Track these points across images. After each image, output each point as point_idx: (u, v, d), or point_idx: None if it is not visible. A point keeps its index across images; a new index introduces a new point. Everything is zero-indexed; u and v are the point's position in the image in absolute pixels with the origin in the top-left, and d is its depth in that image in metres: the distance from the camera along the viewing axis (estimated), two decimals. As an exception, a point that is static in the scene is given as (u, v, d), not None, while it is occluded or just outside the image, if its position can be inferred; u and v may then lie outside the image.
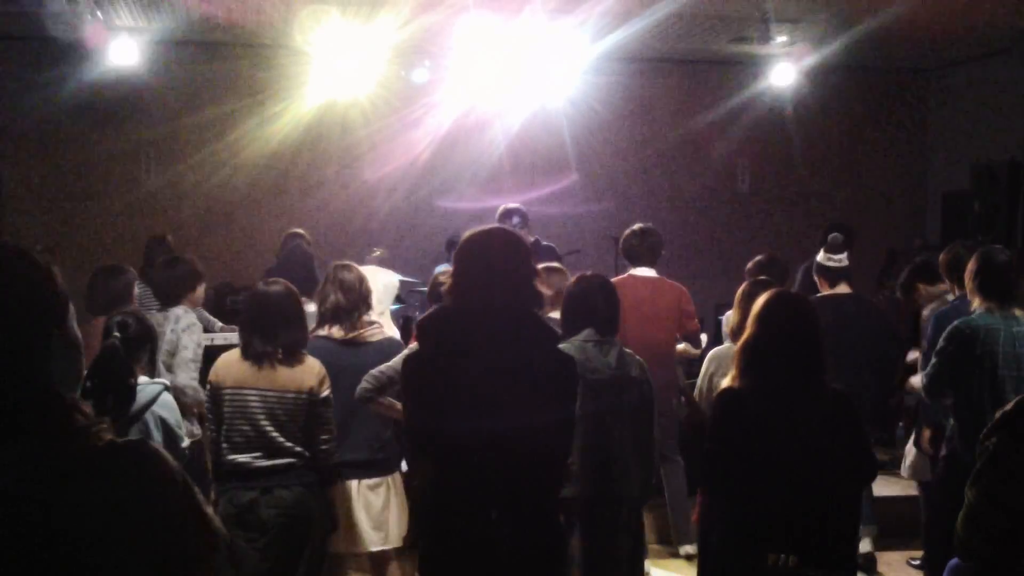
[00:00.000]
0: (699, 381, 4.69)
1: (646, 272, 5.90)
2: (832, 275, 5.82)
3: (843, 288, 5.79)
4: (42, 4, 7.52)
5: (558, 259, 6.63)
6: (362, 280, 4.55)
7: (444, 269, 4.71)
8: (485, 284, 2.88)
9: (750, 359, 3.28)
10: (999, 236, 8.94)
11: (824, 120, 10.79)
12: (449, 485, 2.89)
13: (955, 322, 4.62)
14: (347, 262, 4.68)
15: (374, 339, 4.46)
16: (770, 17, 8.15)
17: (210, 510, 1.54)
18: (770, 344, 3.26)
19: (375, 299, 4.72)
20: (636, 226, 6.03)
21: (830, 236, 5.99)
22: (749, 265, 5.75)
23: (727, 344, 4.44)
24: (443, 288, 3.08)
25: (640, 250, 5.91)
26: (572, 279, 4.31)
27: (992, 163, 9.44)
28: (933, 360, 4.64)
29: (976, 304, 4.59)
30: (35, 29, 8.77)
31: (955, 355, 4.55)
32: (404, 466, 4.69)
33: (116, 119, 9.54)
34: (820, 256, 5.90)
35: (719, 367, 4.47)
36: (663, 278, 5.94)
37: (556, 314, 4.47)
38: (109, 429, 1.49)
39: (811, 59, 9.97)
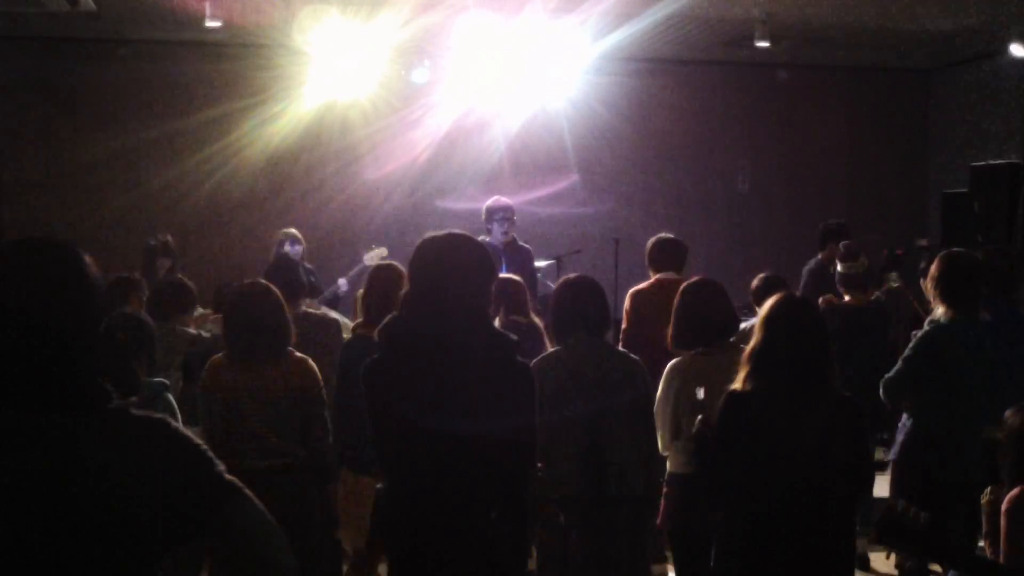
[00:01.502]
0: (658, 396, 4.29)
1: (672, 276, 5.80)
2: (849, 282, 5.85)
3: (857, 294, 5.83)
4: (42, 4, 7.51)
5: (530, 260, 6.87)
6: (398, 280, 4.53)
7: None
8: (439, 292, 2.86)
9: (757, 363, 3.27)
10: (999, 236, 8.94)
11: (824, 120, 10.79)
12: (408, 492, 2.90)
13: (924, 329, 4.58)
14: (388, 262, 4.68)
15: None
16: (770, 18, 8.15)
17: (222, 467, 1.83)
18: (776, 348, 3.26)
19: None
20: (661, 235, 6.04)
21: (842, 244, 6.01)
22: (754, 283, 5.72)
23: (685, 356, 4.30)
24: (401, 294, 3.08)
25: (666, 256, 5.89)
26: (558, 282, 4.30)
27: (992, 163, 9.44)
28: (899, 364, 4.59)
29: (940, 311, 4.53)
30: (35, 29, 8.79)
31: (919, 361, 4.50)
32: None
33: (116, 119, 9.54)
34: (839, 266, 5.93)
35: (684, 381, 4.21)
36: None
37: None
38: (137, 406, 1.83)
39: (810, 59, 10.00)
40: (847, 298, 5.89)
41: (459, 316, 2.85)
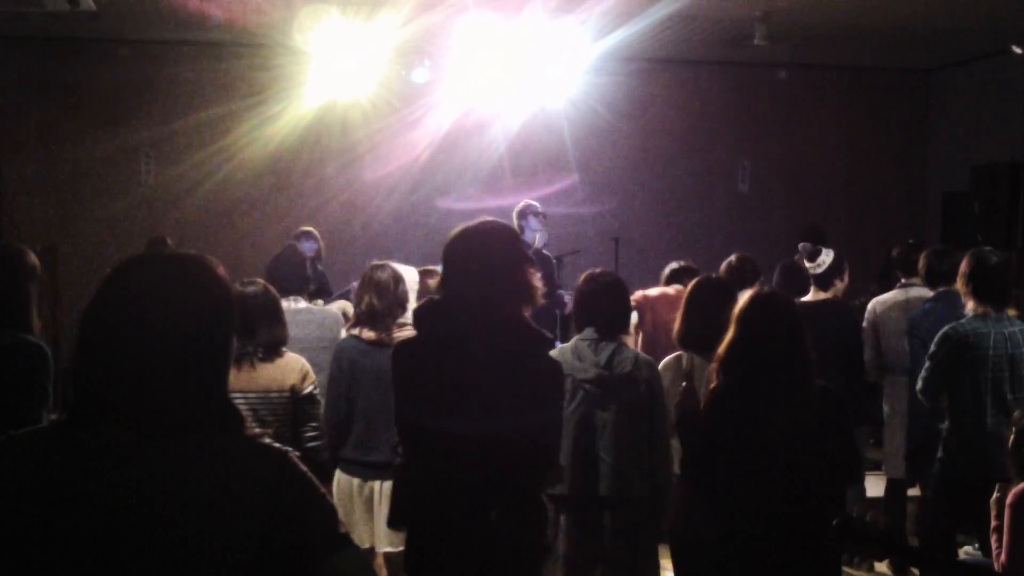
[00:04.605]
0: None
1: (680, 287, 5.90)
2: (815, 281, 5.88)
3: (819, 293, 5.84)
4: (42, 4, 7.51)
5: (553, 271, 6.95)
6: (398, 281, 4.52)
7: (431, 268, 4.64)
8: (478, 277, 2.86)
9: (731, 360, 3.25)
10: (999, 236, 8.94)
11: (824, 120, 10.79)
12: (434, 477, 2.89)
13: (946, 328, 4.63)
14: (384, 262, 4.65)
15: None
16: (769, 18, 8.16)
17: (339, 514, 1.76)
18: (751, 345, 3.24)
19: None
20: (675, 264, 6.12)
21: (800, 245, 6.08)
22: (722, 267, 5.75)
23: (677, 354, 4.29)
24: (432, 281, 3.06)
25: (677, 278, 5.97)
26: (582, 277, 4.30)
27: (992, 163, 9.44)
28: (927, 364, 4.68)
29: (970, 307, 4.60)
30: (35, 29, 8.79)
31: (946, 360, 4.57)
32: None
33: (116, 119, 9.55)
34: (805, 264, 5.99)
35: (674, 377, 4.22)
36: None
37: None
38: (264, 433, 1.71)
39: (810, 59, 10.00)
40: (811, 296, 5.92)
41: (488, 311, 2.85)
